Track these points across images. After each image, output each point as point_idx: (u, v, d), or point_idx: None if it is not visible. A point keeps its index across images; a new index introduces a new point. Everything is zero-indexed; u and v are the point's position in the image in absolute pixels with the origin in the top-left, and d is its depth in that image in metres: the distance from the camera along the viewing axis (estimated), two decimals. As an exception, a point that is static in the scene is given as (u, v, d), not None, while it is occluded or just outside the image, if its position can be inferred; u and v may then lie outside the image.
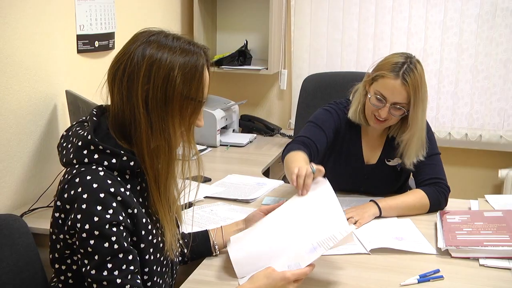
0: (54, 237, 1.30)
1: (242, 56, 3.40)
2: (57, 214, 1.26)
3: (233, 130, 3.20)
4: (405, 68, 1.89)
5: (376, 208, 1.92)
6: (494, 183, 3.38)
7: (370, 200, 1.96)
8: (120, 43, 2.32)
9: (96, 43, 2.42)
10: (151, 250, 1.32)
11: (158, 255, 1.35)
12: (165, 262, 1.38)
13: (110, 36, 2.51)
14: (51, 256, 1.33)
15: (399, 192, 2.14)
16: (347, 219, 1.83)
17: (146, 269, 1.31)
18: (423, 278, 1.52)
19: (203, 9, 3.39)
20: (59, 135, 2.21)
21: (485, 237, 1.69)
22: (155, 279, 1.34)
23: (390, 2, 3.25)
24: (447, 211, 1.91)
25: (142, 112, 1.22)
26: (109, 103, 1.31)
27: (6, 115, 1.94)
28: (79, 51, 2.33)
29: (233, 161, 2.69)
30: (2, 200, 1.96)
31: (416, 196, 1.98)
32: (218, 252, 1.65)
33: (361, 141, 2.12)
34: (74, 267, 1.31)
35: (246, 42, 3.45)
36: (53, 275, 1.38)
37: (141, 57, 1.22)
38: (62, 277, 1.33)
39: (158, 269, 1.35)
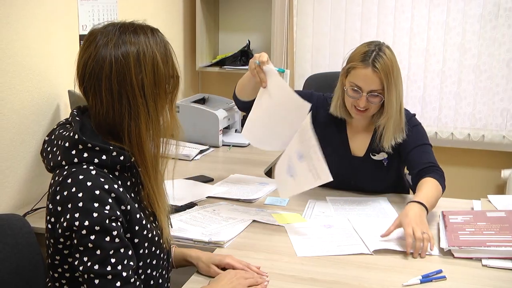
0: (47, 242, 1.30)
1: (244, 56, 3.40)
2: (48, 218, 1.26)
3: (236, 130, 3.19)
4: (374, 55, 1.94)
5: (425, 211, 1.78)
6: (496, 183, 3.37)
7: (409, 202, 1.81)
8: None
9: (99, 43, 2.42)
10: (146, 244, 1.32)
11: (153, 248, 1.35)
12: (161, 255, 1.39)
13: (112, 36, 2.51)
14: (47, 261, 1.33)
15: (396, 189, 2.15)
16: (411, 234, 1.67)
17: (141, 263, 1.31)
18: (426, 279, 1.52)
19: (205, 9, 3.39)
20: (61, 135, 2.21)
21: (488, 237, 1.68)
22: (148, 271, 1.34)
23: (392, 2, 3.25)
24: (449, 211, 1.90)
25: (140, 101, 1.26)
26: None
27: (9, 115, 1.94)
28: (81, 51, 2.33)
29: (236, 161, 2.69)
30: (5, 199, 1.96)
31: (435, 187, 1.91)
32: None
33: (347, 133, 2.14)
34: (67, 274, 1.29)
35: (249, 42, 3.45)
36: (48, 279, 1.37)
37: (125, 54, 1.25)
38: (57, 284, 1.32)
39: (154, 262, 1.35)
